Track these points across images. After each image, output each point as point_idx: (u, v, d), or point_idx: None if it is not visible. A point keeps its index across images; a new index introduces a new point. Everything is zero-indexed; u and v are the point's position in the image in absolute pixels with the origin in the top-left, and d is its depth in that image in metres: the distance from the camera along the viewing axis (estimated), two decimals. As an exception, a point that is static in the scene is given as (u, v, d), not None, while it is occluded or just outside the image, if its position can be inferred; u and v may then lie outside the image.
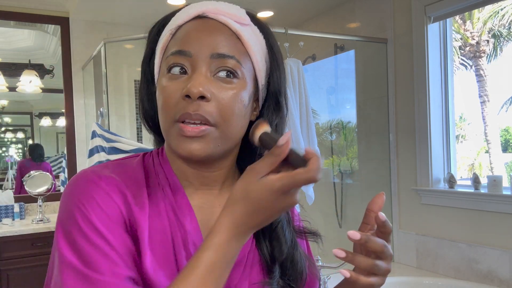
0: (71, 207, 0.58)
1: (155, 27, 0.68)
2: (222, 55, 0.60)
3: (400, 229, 2.57)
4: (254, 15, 0.68)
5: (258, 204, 0.53)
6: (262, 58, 0.66)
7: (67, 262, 0.55)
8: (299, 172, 0.51)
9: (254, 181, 0.53)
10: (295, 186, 0.52)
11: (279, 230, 0.67)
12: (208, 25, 0.62)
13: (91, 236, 0.56)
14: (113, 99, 3.42)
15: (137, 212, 0.61)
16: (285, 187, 0.51)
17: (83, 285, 0.54)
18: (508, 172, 9.73)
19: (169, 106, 0.60)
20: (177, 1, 2.92)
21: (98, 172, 0.62)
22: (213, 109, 0.59)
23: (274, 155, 0.53)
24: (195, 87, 0.58)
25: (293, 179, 0.51)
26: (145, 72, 0.69)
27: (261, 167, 0.53)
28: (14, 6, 3.17)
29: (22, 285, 2.72)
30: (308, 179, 0.51)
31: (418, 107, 2.46)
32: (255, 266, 0.67)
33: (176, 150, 0.61)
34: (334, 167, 3.19)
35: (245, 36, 0.63)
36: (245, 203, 0.53)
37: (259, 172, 0.53)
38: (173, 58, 0.61)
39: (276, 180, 0.52)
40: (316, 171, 0.51)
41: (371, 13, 2.76)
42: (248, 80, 0.63)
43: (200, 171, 0.66)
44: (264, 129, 0.58)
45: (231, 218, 0.54)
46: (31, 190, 3.04)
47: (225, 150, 0.63)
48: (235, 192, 0.55)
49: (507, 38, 10.07)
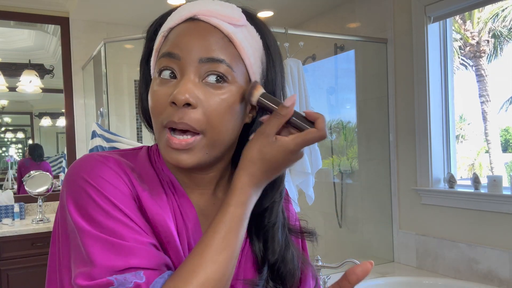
0: (81, 184, 0.58)
1: (153, 25, 0.68)
2: (211, 59, 0.59)
3: (400, 229, 2.57)
4: (251, 14, 0.66)
5: (274, 163, 0.59)
6: (258, 59, 0.64)
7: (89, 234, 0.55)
8: (311, 131, 0.57)
9: (267, 143, 0.58)
10: (307, 144, 0.58)
11: (275, 231, 0.67)
12: (199, 29, 0.61)
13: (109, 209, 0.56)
14: (113, 99, 3.42)
15: (151, 201, 0.61)
16: (299, 147, 0.58)
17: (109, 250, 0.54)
18: (508, 172, 9.73)
19: (157, 112, 0.60)
20: (177, 1, 2.92)
21: (104, 155, 0.63)
22: (199, 116, 0.58)
23: (280, 116, 0.58)
24: (181, 94, 0.57)
25: (305, 138, 0.57)
26: (144, 71, 0.69)
27: (269, 129, 0.58)
28: (14, 6, 3.17)
29: (22, 285, 2.72)
30: (320, 137, 0.57)
31: (418, 107, 2.46)
32: (248, 263, 0.67)
33: (165, 159, 0.61)
34: (334, 167, 3.19)
35: (238, 39, 0.61)
36: (262, 164, 0.58)
37: (269, 134, 0.58)
38: (163, 61, 0.61)
39: (291, 141, 0.57)
40: (324, 129, 0.57)
41: (371, 13, 2.76)
42: (240, 83, 0.62)
43: (192, 175, 0.66)
44: (260, 90, 0.61)
45: (249, 177, 0.59)
46: (31, 190, 3.04)
47: (214, 157, 0.63)
48: (251, 154, 0.59)
49: (508, 38, 10.07)
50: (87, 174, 0.59)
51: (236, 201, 0.58)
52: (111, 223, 0.56)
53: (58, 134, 3.62)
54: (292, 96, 0.58)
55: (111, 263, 0.54)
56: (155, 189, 0.63)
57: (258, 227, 0.67)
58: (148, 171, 0.65)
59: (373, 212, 2.81)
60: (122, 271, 0.53)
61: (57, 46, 3.39)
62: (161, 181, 0.65)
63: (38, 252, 2.76)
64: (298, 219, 0.77)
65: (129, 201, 0.59)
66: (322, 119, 0.57)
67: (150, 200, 0.61)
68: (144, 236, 0.57)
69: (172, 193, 0.65)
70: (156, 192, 0.63)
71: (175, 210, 0.64)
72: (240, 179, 0.59)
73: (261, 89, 0.61)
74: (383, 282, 2.14)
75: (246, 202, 0.59)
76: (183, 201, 0.65)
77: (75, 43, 3.33)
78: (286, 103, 0.58)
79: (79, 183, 0.59)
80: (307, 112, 0.58)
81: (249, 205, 0.59)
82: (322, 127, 0.57)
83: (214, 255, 0.55)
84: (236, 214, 0.58)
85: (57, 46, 3.41)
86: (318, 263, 1.91)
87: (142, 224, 0.58)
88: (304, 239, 0.75)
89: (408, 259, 2.51)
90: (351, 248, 2.99)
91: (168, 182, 0.66)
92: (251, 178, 0.59)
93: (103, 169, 0.59)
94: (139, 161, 0.66)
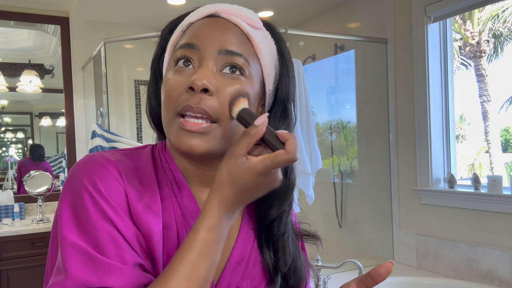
0: (79, 189, 0.57)
1: (168, 25, 0.68)
2: (230, 52, 0.60)
3: (400, 229, 2.56)
4: (266, 21, 0.68)
5: (244, 185, 0.55)
6: (272, 63, 0.65)
7: (72, 243, 0.54)
8: (280, 153, 0.53)
9: (236, 164, 0.54)
10: (277, 166, 0.54)
11: (285, 241, 0.67)
12: (219, 23, 0.62)
13: (99, 220, 0.55)
14: (113, 99, 3.42)
15: (146, 206, 0.60)
16: (268, 169, 0.54)
17: (87, 264, 0.53)
18: (508, 172, 9.73)
19: (171, 99, 0.60)
20: (177, 1, 2.92)
21: (106, 157, 0.61)
22: (215, 103, 0.59)
23: (249, 136, 0.54)
24: (199, 80, 0.57)
25: (274, 160, 0.53)
26: (155, 70, 0.69)
27: (238, 149, 0.55)
28: (14, 6, 3.17)
29: (22, 285, 2.72)
30: (288, 160, 0.53)
31: (418, 107, 2.46)
32: (257, 266, 0.67)
33: (176, 145, 0.60)
34: (334, 167, 3.19)
35: (255, 39, 0.63)
36: (231, 186, 0.55)
37: (238, 154, 0.55)
38: (181, 51, 0.61)
39: (259, 162, 0.54)
40: (295, 151, 0.53)
41: (371, 13, 2.76)
42: (256, 81, 0.63)
43: (201, 169, 0.66)
44: (242, 105, 0.58)
45: (219, 199, 0.55)
46: (31, 190, 3.04)
47: (226, 149, 0.62)
48: (221, 175, 0.56)
49: (508, 37, 10.07)
50: (87, 179, 0.58)
51: (206, 226, 0.55)
52: (99, 234, 0.55)
53: (58, 134, 3.62)
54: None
55: (85, 278, 0.52)
56: (152, 190, 0.62)
57: (267, 236, 0.67)
58: (148, 171, 0.64)
59: (373, 212, 2.81)
60: None
61: (57, 46, 3.39)
62: (162, 180, 0.64)
63: (38, 252, 2.76)
64: (297, 221, 0.77)
65: (124, 212, 0.58)
66: (292, 140, 0.53)
67: (144, 206, 0.60)
68: (130, 254, 0.55)
69: (174, 193, 0.64)
70: (152, 195, 0.62)
71: (175, 211, 0.63)
72: (210, 202, 0.56)
73: (242, 103, 0.59)
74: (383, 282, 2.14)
75: (217, 227, 0.55)
76: (186, 199, 0.64)
77: (75, 43, 3.33)
78: (256, 122, 0.55)
79: (78, 188, 0.58)
80: (279, 132, 0.55)
81: (221, 229, 0.56)
82: (291, 149, 0.53)
83: (182, 281, 0.53)
84: (206, 239, 0.55)
85: (57, 46, 3.40)
86: (318, 263, 1.91)
87: (132, 236, 0.57)
88: (303, 241, 0.75)
89: (408, 259, 2.51)
90: (351, 248, 2.99)
91: (171, 181, 0.65)
92: (221, 201, 0.55)
93: (103, 175, 0.58)
94: (141, 160, 0.65)
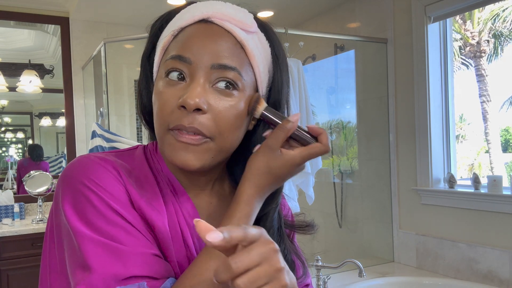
0: (81, 188, 0.56)
1: (158, 21, 0.66)
2: (223, 66, 0.58)
3: (400, 229, 2.56)
4: (262, 21, 0.66)
5: (280, 175, 0.61)
6: (265, 67, 0.64)
7: (89, 238, 0.54)
8: (316, 145, 0.61)
9: (274, 156, 0.60)
10: (312, 158, 0.61)
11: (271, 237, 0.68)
12: (212, 32, 0.60)
13: (110, 216, 0.55)
14: (113, 99, 3.42)
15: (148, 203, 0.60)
16: (304, 160, 0.61)
17: (110, 256, 0.53)
18: (508, 172, 9.73)
19: (164, 114, 0.59)
20: (177, 1, 2.92)
21: (102, 157, 0.61)
22: (208, 121, 0.58)
23: (285, 129, 0.60)
24: (191, 99, 0.56)
25: (311, 152, 0.60)
26: (145, 67, 0.67)
27: (275, 143, 0.60)
28: (14, 6, 3.17)
29: (22, 285, 2.72)
30: (324, 151, 0.61)
31: (418, 107, 2.46)
32: None
33: (170, 159, 0.59)
34: (334, 167, 3.19)
35: (249, 46, 0.61)
36: (268, 176, 0.60)
37: (275, 147, 0.60)
38: (172, 62, 0.59)
39: (297, 154, 0.60)
40: (328, 144, 0.61)
41: (371, 13, 2.76)
42: (248, 91, 0.61)
43: (191, 175, 0.66)
44: (264, 104, 0.62)
45: (255, 189, 0.60)
46: (31, 190, 3.04)
47: (219, 162, 0.63)
48: (258, 167, 0.60)
49: (508, 38, 10.07)
50: (87, 178, 0.57)
51: (241, 214, 0.59)
52: (112, 229, 0.54)
53: (58, 134, 3.62)
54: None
55: (111, 270, 0.52)
56: (152, 191, 0.62)
57: None
58: (145, 172, 0.64)
59: (373, 212, 2.81)
60: (125, 281, 0.52)
61: (57, 46, 3.39)
62: (159, 181, 0.64)
63: (38, 252, 2.75)
64: (291, 214, 0.77)
65: (130, 207, 0.58)
66: (325, 134, 0.61)
67: (147, 203, 0.60)
68: (146, 245, 0.56)
69: (172, 193, 0.64)
70: (153, 194, 0.62)
71: (176, 210, 0.63)
72: (246, 191, 0.60)
73: (264, 103, 0.62)
74: (383, 282, 2.14)
75: (250, 214, 0.60)
76: (184, 200, 0.65)
77: (75, 43, 3.33)
78: (292, 118, 0.60)
79: (79, 187, 0.57)
80: (310, 127, 0.61)
81: (252, 217, 0.60)
82: (326, 142, 0.60)
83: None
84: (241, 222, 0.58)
85: (57, 46, 3.40)
86: (318, 263, 1.91)
87: (143, 231, 0.57)
88: (296, 231, 0.75)
89: (408, 259, 2.51)
90: (351, 248, 2.99)
91: (167, 183, 0.65)
92: (257, 190, 0.60)
93: (103, 173, 0.58)
94: (136, 162, 0.65)
